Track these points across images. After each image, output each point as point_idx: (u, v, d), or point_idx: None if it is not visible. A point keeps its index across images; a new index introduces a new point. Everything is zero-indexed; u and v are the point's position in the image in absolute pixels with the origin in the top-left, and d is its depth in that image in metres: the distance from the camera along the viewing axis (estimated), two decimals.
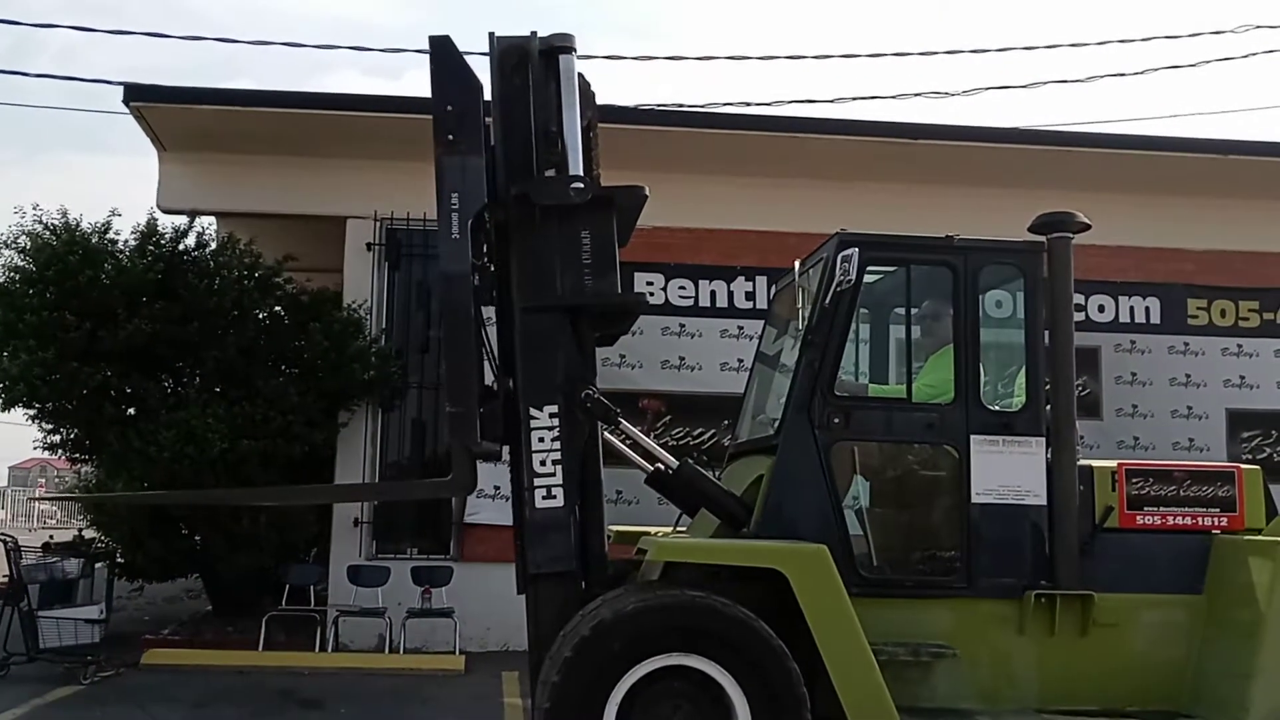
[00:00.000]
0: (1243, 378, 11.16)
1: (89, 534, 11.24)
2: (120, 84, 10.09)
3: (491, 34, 5.15)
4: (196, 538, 10.30)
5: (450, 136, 4.92)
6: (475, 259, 4.93)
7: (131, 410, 9.86)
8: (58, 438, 10.38)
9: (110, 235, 9.78)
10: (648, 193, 5.12)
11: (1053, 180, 10.28)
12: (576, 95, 5.02)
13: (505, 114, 5.07)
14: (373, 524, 10.34)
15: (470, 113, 4.98)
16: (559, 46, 5.05)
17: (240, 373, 9.68)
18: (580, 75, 5.09)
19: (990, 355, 5.24)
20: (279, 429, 9.49)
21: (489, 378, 5.16)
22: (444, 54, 5.00)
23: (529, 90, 5.05)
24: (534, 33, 5.11)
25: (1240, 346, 11.19)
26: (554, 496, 4.83)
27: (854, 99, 13.86)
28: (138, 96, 10.04)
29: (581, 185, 4.91)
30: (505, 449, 5.12)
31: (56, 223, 9.67)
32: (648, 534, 5.35)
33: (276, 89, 17.93)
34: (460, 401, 4.85)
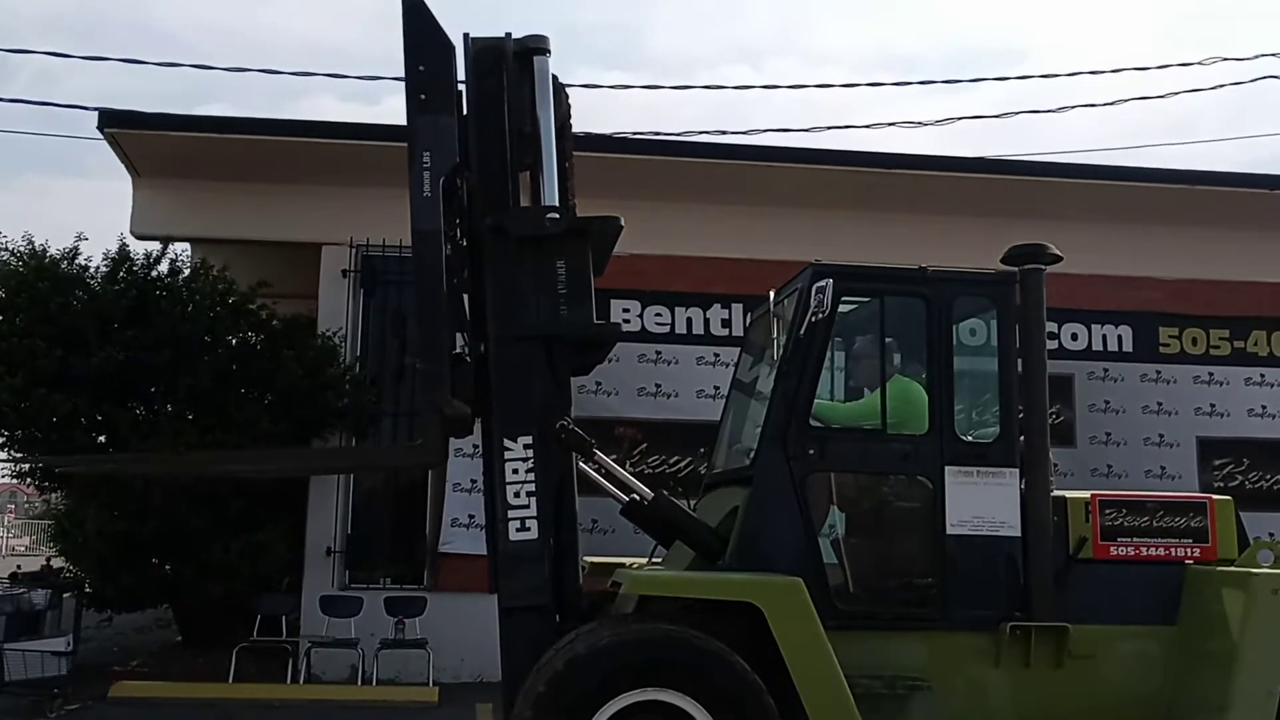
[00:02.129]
0: (1213, 406, 11.25)
1: (57, 563, 11.08)
2: (95, 109, 10.06)
3: (466, 35, 5.14)
4: (167, 567, 10.17)
5: (423, 96, 4.92)
6: (447, 229, 4.90)
7: (102, 438, 9.75)
8: (27, 465, 10.25)
9: (80, 261, 9.72)
10: (623, 223, 5.11)
11: (1025, 210, 10.38)
12: (551, 96, 5.02)
13: (480, 116, 5.06)
14: (346, 553, 10.26)
15: (442, 72, 4.99)
16: (534, 48, 5.05)
17: (213, 400, 9.59)
18: (555, 78, 5.10)
19: (964, 386, 5.25)
20: None
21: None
22: (416, 14, 5.00)
23: (504, 92, 5.05)
24: (508, 34, 5.11)
25: (1211, 375, 11.29)
26: (528, 529, 4.78)
27: (828, 128, 14.01)
28: (112, 123, 10.01)
29: (557, 215, 4.90)
30: (477, 421, 5.04)
31: (23, 249, 9.60)
32: (623, 565, 5.31)
33: (252, 115, 17.87)
34: (430, 358, 4.81)
